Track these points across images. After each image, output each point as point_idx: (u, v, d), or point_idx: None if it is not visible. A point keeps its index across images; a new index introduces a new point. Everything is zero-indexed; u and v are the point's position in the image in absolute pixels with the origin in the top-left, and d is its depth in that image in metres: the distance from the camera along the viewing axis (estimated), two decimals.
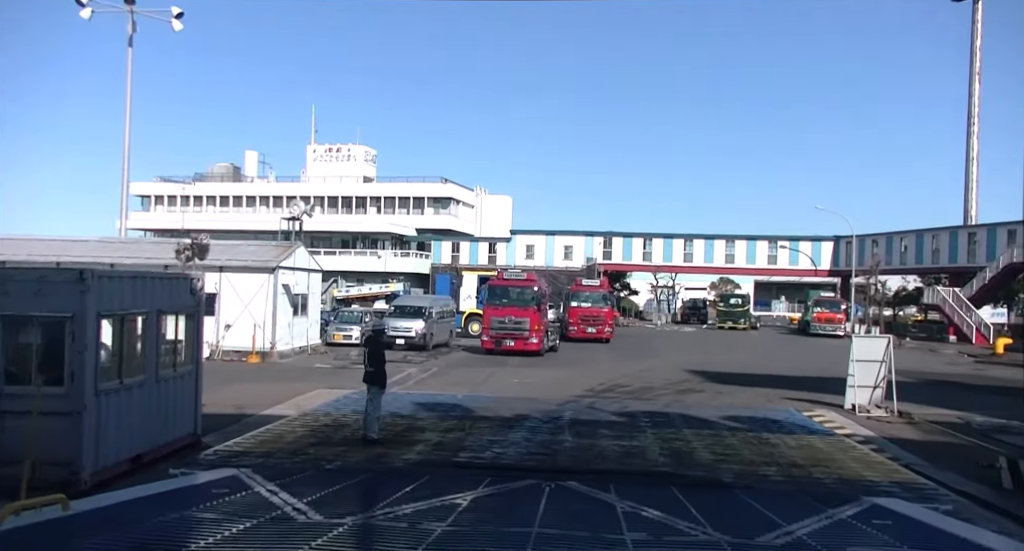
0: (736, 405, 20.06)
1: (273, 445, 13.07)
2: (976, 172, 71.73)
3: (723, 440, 14.80)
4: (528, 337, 32.93)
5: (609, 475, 11.38)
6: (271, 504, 8.46)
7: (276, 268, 29.18)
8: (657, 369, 29.32)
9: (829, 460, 13.24)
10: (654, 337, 51.26)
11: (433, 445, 13.54)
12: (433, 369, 27.79)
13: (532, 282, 34.60)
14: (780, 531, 7.86)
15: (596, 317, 43.42)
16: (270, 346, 28.95)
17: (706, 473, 11.82)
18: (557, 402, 19.36)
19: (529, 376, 25.84)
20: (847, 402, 19.74)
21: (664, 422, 16.74)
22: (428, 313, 35.76)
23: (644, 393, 22.30)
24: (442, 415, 16.84)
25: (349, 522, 7.51)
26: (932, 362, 36.86)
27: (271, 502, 8.59)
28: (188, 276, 13.35)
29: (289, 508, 8.15)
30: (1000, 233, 57.43)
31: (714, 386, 24.43)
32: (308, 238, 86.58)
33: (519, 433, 14.93)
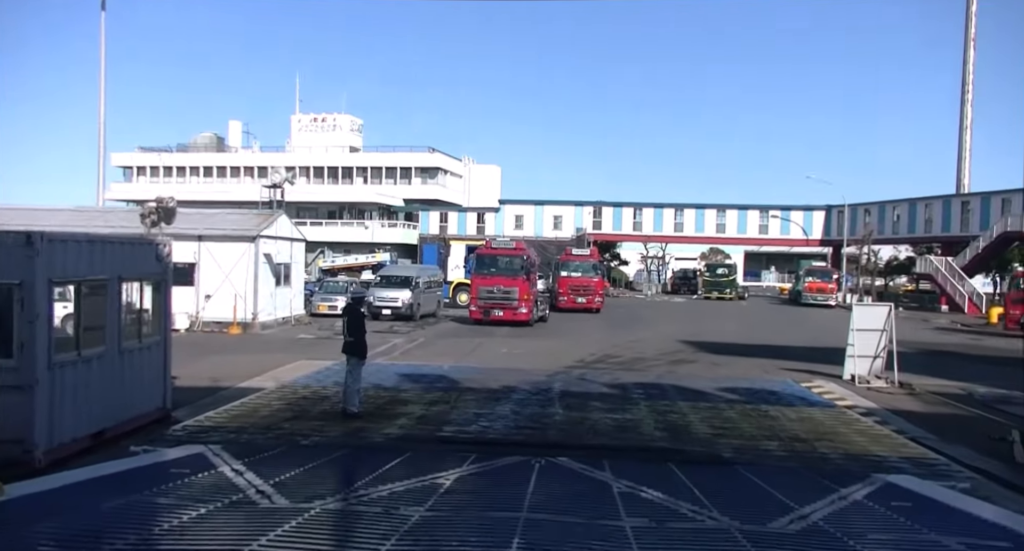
0: (732, 376, 19.43)
1: (246, 420, 12.34)
2: (970, 140, 71.16)
3: (720, 413, 14.15)
4: (517, 307, 32.21)
5: (602, 451, 10.70)
6: (234, 486, 7.71)
7: (257, 237, 28.30)
8: (648, 339, 28.68)
9: (832, 434, 12.60)
10: (644, 307, 50.66)
11: (416, 419, 12.83)
12: (419, 339, 27.08)
13: (521, 251, 33.84)
14: (793, 515, 7.19)
15: (586, 287, 42.73)
16: (252, 317, 28.15)
17: (705, 448, 11.16)
18: (546, 373, 18.68)
19: (518, 347, 25.16)
20: (846, 373, 19.13)
21: (658, 394, 16.09)
22: (415, 283, 35.00)
23: (636, 364, 21.65)
24: (427, 387, 16.13)
25: (317, 508, 6.76)
26: (926, 332, 36.37)
27: (234, 484, 7.84)
28: (153, 241, 12.51)
29: (252, 491, 7.41)
30: (994, 201, 56.89)
31: (708, 357, 23.80)
32: (294, 209, 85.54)
33: (507, 406, 14.25)
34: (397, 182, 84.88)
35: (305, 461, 9.25)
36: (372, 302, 34.65)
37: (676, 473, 9.18)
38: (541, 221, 73.79)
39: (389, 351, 23.46)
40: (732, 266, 69.21)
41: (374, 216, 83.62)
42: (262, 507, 6.85)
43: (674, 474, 9.12)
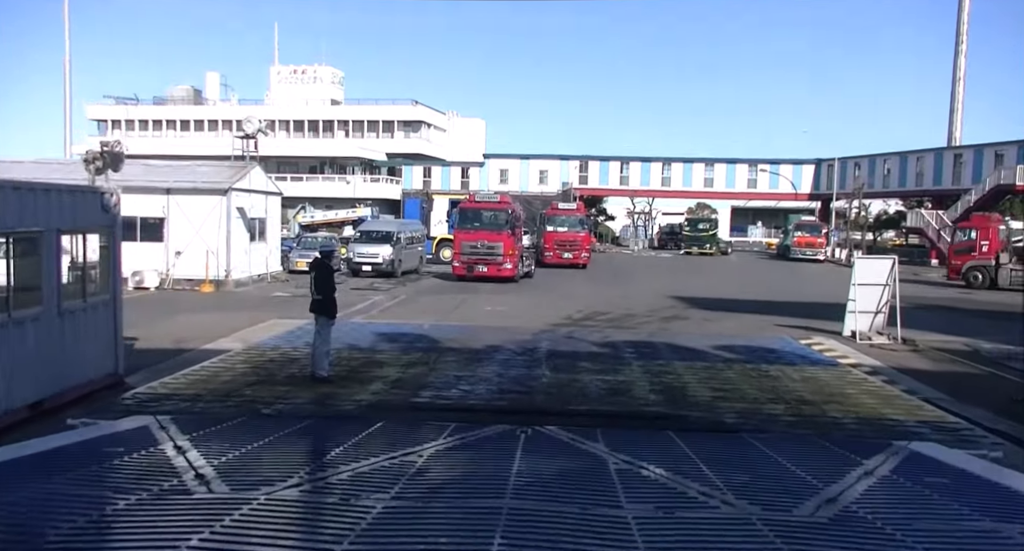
0: (726, 333, 18.52)
1: (205, 386, 11.30)
2: (962, 93, 70.05)
3: (719, 373, 13.22)
4: (502, 263, 31.16)
5: (595, 418, 9.75)
6: (171, 469, 6.66)
7: (229, 190, 27.01)
8: (637, 295, 27.75)
9: (840, 395, 11.69)
10: (632, 263, 49.74)
11: (391, 383, 11.83)
12: (400, 297, 26.05)
13: (506, 205, 32.68)
14: (818, 497, 6.23)
15: (572, 242, 41.67)
16: (225, 274, 26.98)
17: (706, 414, 10.22)
18: (532, 332, 17.70)
19: (502, 303, 24.16)
20: (846, 329, 18.26)
21: (650, 353, 15.14)
22: (396, 238, 33.84)
23: (626, 321, 20.71)
24: (405, 347, 15.12)
25: (261, 497, 5.70)
26: (919, 286, 35.58)
27: (172, 466, 6.79)
28: (98, 189, 11.33)
29: (191, 475, 6.36)
30: (987, 154, 55.96)
31: (700, 313, 22.89)
32: (274, 164, 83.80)
33: (490, 367, 13.27)
34: (379, 136, 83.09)
35: (262, 434, 8.23)
36: (352, 258, 33.61)
37: (677, 443, 8.22)
38: (527, 176, 72.39)
39: (368, 309, 22.43)
40: (714, 220, 68.06)
41: (356, 171, 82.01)
42: (195, 497, 5.79)
43: (675, 445, 8.16)
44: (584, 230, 42.95)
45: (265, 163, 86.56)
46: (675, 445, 8.17)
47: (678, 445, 8.16)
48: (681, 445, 8.15)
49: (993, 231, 36.95)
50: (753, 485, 6.59)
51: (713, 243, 61.72)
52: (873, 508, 5.86)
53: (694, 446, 8.07)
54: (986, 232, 37.12)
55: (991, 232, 36.89)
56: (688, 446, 8.06)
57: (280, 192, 32.81)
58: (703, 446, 8.14)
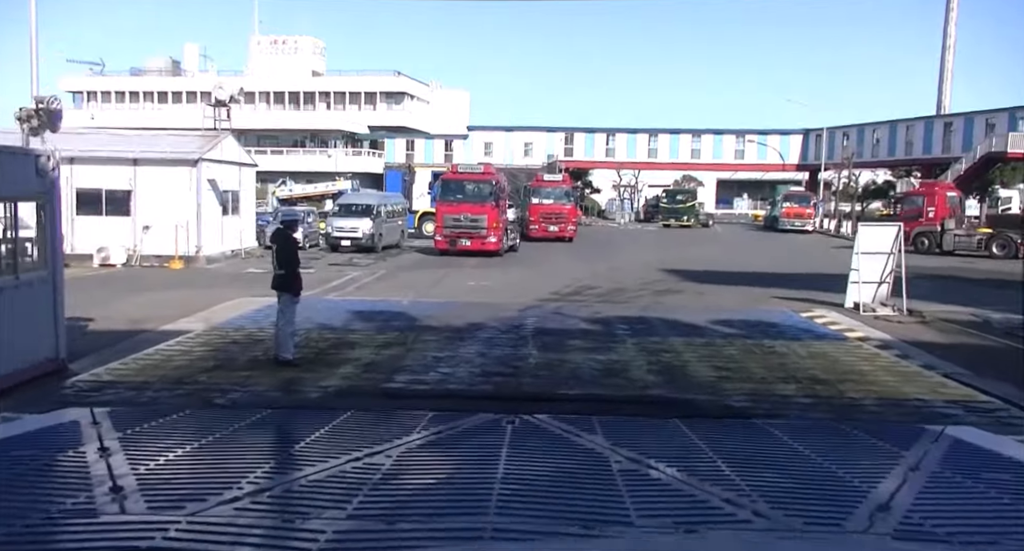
0: (723, 307, 17.53)
1: (156, 372, 10.19)
2: (952, 61, 69.03)
3: (720, 350, 12.21)
4: (486, 236, 30.03)
5: (590, 403, 8.72)
6: (84, 479, 5.51)
7: (199, 160, 25.71)
8: (627, 268, 26.73)
9: (854, 372, 10.71)
10: (619, 235, 48.70)
11: (363, 366, 10.75)
12: (380, 272, 24.92)
13: (490, 176, 31.48)
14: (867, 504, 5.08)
15: (558, 214, 40.53)
16: (195, 250, 25.75)
17: (712, 397, 9.20)
18: (518, 308, 16.64)
19: (486, 278, 23.09)
20: (849, 300, 17.32)
21: (645, 329, 14.12)
22: (376, 212, 32.61)
23: (616, 295, 19.69)
24: (381, 326, 14.03)
25: (182, 521, 4.57)
26: (913, 256, 34.71)
27: (88, 475, 5.60)
28: (31, 151, 10.12)
29: (105, 488, 5.18)
30: (978, 122, 55.09)
31: (693, 286, 21.90)
32: (254, 136, 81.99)
33: (472, 347, 12.21)
34: (361, 108, 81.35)
35: (209, 430, 7.08)
36: (330, 233, 32.39)
37: (686, 433, 7.14)
38: (511, 148, 71.06)
39: (344, 285, 21.30)
40: (692, 191, 66.83)
41: (338, 144, 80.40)
42: (98, 523, 4.67)
43: (684, 436, 7.08)
44: (570, 202, 41.83)
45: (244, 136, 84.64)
46: (684, 436, 7.10)
47: (687, 436, 7.09)
48: (690, 436, 7.08)
49: (940, 198, 37.84)
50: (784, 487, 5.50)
51: (691, 215, 60.14)
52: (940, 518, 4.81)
53: (706, 437, 7.00)
54: (932, 199, 38.06)
55: (938, 199, 37.81)
56: (699, 437, 6.99)
57: (255, 164, 31.51)
58: (716, 437, 7.07)
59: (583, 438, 6.92)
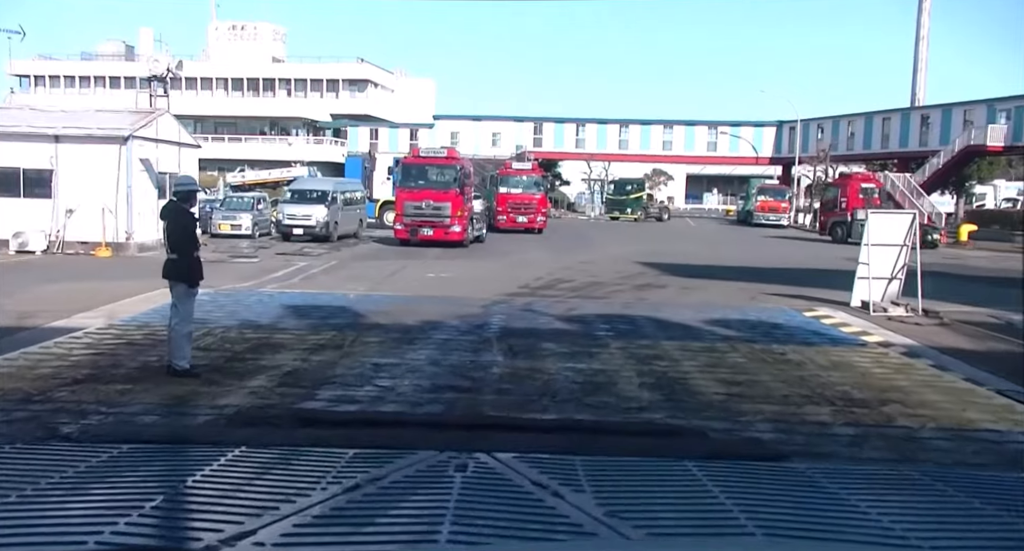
0: (713, 304, 15.47)
1: (8, 383, 7.84)
2: (926, 52, 67.78)
3: (724, 358, 10.11)
4: (449, 225, 27.75)
5: (570, 433, 6.55)
6: None
7: (130, 137, 23.14)
8: (601, 261, 24.65)
9: (895, 390, 8.64)
10: (590, 228, 46.67)
11: (282, 377, 8.46)
12: (331, 262, 22.59)
13: (454, 160, 29.19)
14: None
15: (527, 204, 38.35)
16: (126, 236, 23.22)
17: (728, 424, 7.04)
18: (482, 303, 14.45)
19: (448, 270, 20.86)
20: (855, 298, 15.34)
21: (631, 330, 11.99)
22: (332, 198, 30.21)
23: (593, 289, 17.56)
24: (317, 324, 11.77)
25: None
26: None
27: None
28: None
29: None
30: (956, 114, 53.68)
31: (675, 280, 19.82)
32: (211, 123, 79.11)
33: (423, 351, 9.99)
34: (324, 95, 78.62)
35: (23, 480, 4.89)
36: (281, 221, 29.99)
37: (706, 487, 5.05)
38: (479, 138, 68.75)
39: (288, 277, 18.96)
40: (640, 182, 64.19)
41: (300, 133, 77.68)
42: None
43: (703, 490, 4.99)
44: (540, 192, 39.63)
45: (201, 123, 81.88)
46: (703, 491, 4.98)
47: (708, 491, 4.98)
48: (712, 491, 4.97)
49: (852, 189, 39.79)
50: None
51: (638, 207, 57.07)
52: None
53: (735, 492, 4.91)
54: (845, 190, 40.26)
55: (850, 190, 39.81)
56: (726, 493, 4.89)
57: (197, 145, 28.91)
58: (749, 492, 4.98)
59: (563, 496, 4.76)
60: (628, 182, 62.15)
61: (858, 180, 41.83)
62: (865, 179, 42.74)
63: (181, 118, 77.57)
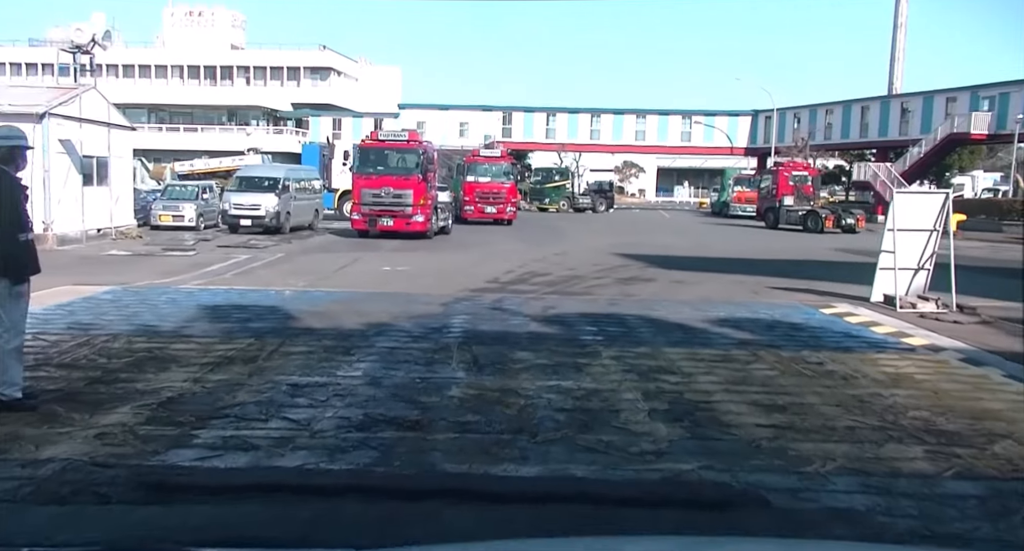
0: (713, 299, 13.27)
1: None
2: (904, 40, 66.35)
3: (748, 369, 7.87)
4: (411, 214, 25.34)
5: (565, 505, 4.27)
6: None
7: (47, 115, 20.50)
8: (577, 252, 22.42)
9: (989, 416, 6.43)
10: (561, 220, 44.43)
11: (155, 408, 6.06)
12: (277, 255, 20.12)
13: (416, 143, 26.72)
14: None
15: (496, 194, 35.98)
16: (43, 226, 20.56)
17: (794, 482, 4.75)
18: (443, 301, 12.13)
19: (406, 262, 18.49)
20: (876, 292, 13.23)
21: (624, 334, 9.73)
22: (283, 186, 27.67)
23: (573, 284, 15.29)
24: (233, 329, 9.38)
25: None
26: None
27: None
28: None
29: None
30: (937, 102, 52.09)
31: (663, 273, 17.61)
32: (166, 113, 75.89)
33: (361, 365, 7.66)
34: (284, 84, 75.75)
35: None
36: (227, 210, 27.39)
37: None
38: (446, 128, 66.27)
39: (221, 271, 16.48)
40: (565, 170, 61.63)
41: (260, 123, 74.72)
42: None
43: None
44: (510, 181, 37.14)
45: (156, 112, 78.54)
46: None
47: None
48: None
49: (782, 177, 41.44)
50: None
51: (559, 197, 53.79)
52: None
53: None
54: (776, 178, 42.07)
55: (780, 178, 41.54)
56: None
57: (131, 126, 26.21)
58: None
59: None
60: (551, 170, 59.29)
61: (788, 168, 42.91)
62: (796, 167, 43.56)
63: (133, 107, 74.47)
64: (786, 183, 40.96)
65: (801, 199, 40.06)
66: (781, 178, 41.47)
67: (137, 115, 75.55)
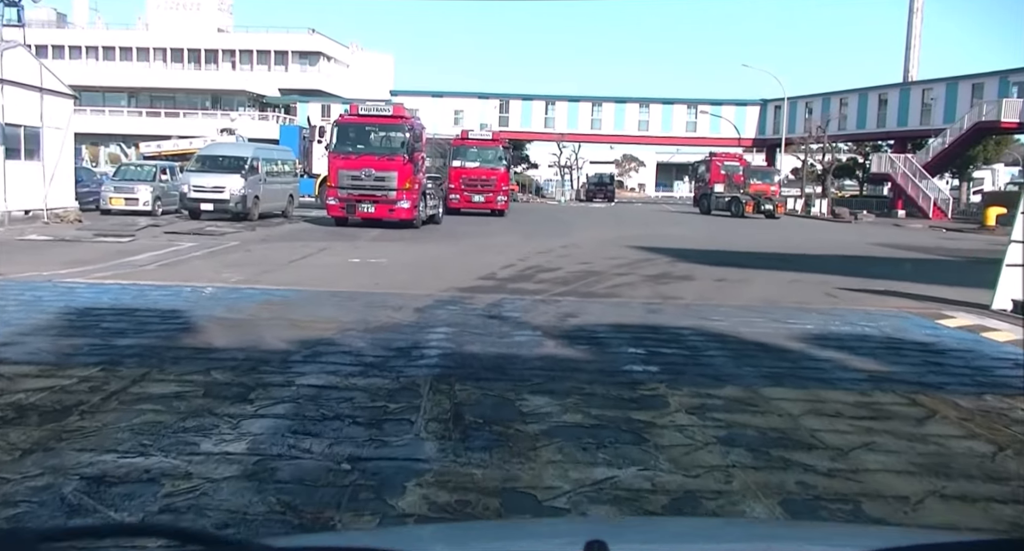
0: (781, 304, 9.91)
1: None
2: (919, 26, 63.04)
3: (925, 433, 4.50)
4: (396, 199, 21.89)
5: None
6: None
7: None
8: (587, 244, 19.09)
9: None
10: (562, 212, 41.17)
11: None
12: (230, 244, 16.71)
13: (402, 119, 23.29)
14: None
15: (486, 180, 31.84)
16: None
17: None
18: (420, 303, 8.75)
19: (383, 253, 15.09)
20: (1000, 297, 9.87)
21: (689, 360, 6.37)
22: (251, 167, 24.19)
23: (590, 282, 11.88)
24: (82, 347, 5.99)
25: None
26: (934, 239, 27.96)
27: None
28: None
29: None
30: (962, 89, 48.70)
31: (697, 269, 14.20)
32: (147, 96, 72.34)
33: (254, 427, 4.29)
34: (271, 68, 72.26)
35: None
36: (187, 193, 23.91)
37: None
38: (440, 116, 62.72)
39: (148, 261, 13.04)
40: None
41: (247, 108, 71.19)
42: None
43: None
44: (502, 166, 32.94)
45: (136, 96, 74.96)
46: None
47: None
48: None
49: (715, 166, 44.18)
50: None
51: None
52: None
53: None
54: (709, 167, 44.89)
55: (712, 167, 44.31)
56: None
57: (72, 94, 22.67)
58: None
59: None
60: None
61: (721, 158, 45.30)
62: (728, 157, 45.97)
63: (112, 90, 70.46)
64: (718, 172, 43.66)
65: (731, 187, 42.45)
66: (714, 167, 44.26)
67: (116, 99, 72.11)
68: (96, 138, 57.54)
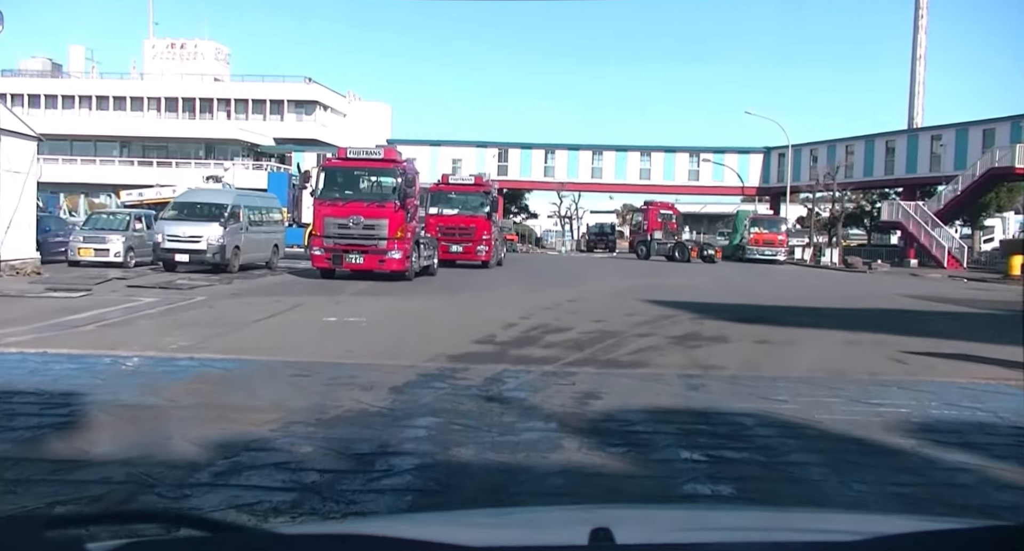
0: (847, 374, 8.01)
1: None
2: (923, 73, 62.12)
3: None
4: (386, 249, 20.03)
5: None
6: None
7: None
8: (595, 297, 17.25)
9: None
10: (565, 262, 39.42)
11: None
12: (196, 299, 14.82)
13: (394, 163, 21.56)
14: None
15: (464, 229, 28.82)
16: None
17: None
18: (397, 379, 6.82)
19: (366, 310, 13.18)
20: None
21: (766, 473, 4.45)
22: (231, 214, 22.34)
23: (609, 346, 9.91)
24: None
25: None
26: (961, 290, 26.08)
27: None
28: None
29: None
30: (973, 134, 47.34)
31: (728, 327, 12.25)
32: (139, 146, 71.09)
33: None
34: (267, 118, 71.36)
35: None
36: (160, 243, 22.06)
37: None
38: (437, 165, 61.33)
39: (88, 321, 11.12)
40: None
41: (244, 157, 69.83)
42: None
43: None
44: (482, 213, 29.46)
45: (128, 146, 73.71)
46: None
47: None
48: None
49: (652, 214, 46.50)
50: None
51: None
52: None
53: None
54: (647, 215, 47.08)
55: (650, 215, 46.57)
56: None
57: (35, 135, 20.89)
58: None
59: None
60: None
61: (658, 207, 47.66)
62: (663, 207, 48.19)
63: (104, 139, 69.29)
64: (655, 220, 45.86)
65: (667, 234, 44.93)
66: (652, 216, 46.33)
67: (108, 148, 71.01)
68: (86, 188, 56.02)
